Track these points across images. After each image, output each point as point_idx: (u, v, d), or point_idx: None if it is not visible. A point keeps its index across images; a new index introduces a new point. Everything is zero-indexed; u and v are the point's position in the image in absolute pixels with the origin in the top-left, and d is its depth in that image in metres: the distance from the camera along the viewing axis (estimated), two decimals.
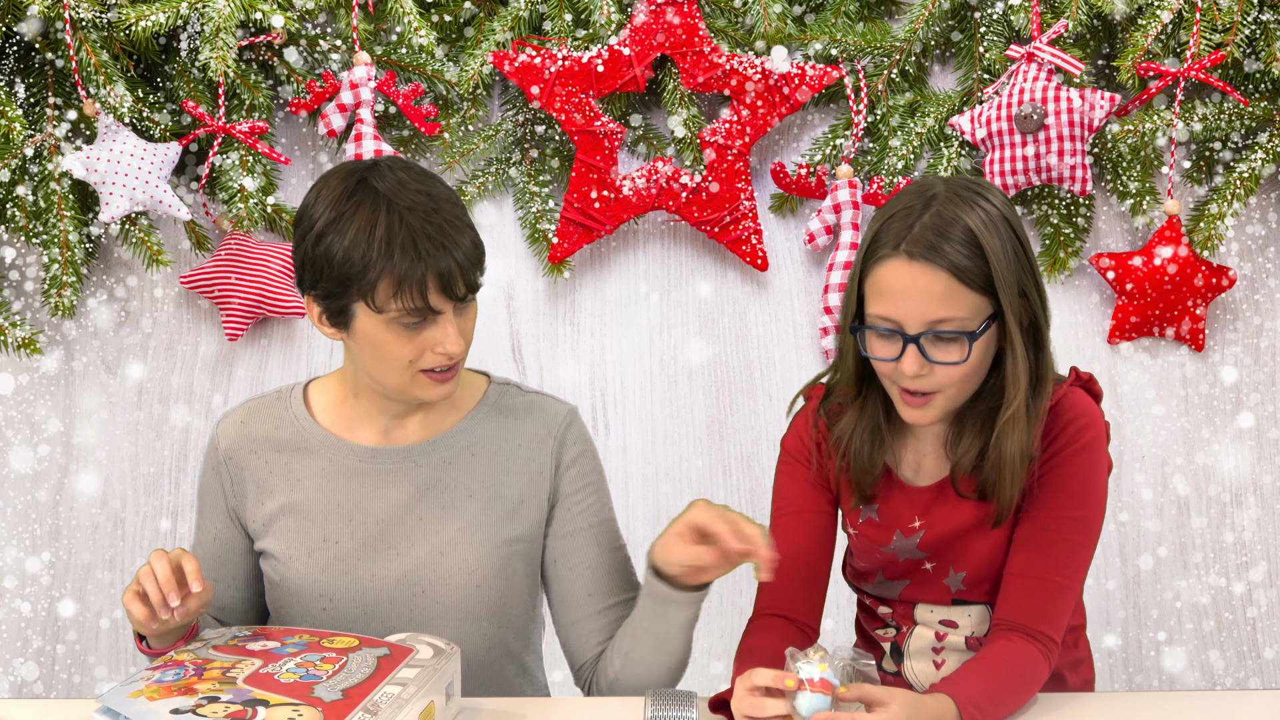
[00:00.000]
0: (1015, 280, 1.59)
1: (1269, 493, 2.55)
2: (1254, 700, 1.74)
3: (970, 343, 1.59)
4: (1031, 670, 1.63)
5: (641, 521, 2.60)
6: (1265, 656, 2.56)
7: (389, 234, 1.59)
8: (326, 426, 1.80)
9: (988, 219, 1.59)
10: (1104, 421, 1.73)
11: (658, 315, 2.61)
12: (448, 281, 1.60)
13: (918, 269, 1.58)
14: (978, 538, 1.71)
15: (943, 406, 1.65)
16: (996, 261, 1.57)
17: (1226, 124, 2.42)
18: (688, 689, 1.66)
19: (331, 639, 1.61)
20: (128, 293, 2.60)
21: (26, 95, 2.49)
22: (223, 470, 1.82)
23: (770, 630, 1.76)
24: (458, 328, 1.65)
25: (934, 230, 1.58)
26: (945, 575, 1.74)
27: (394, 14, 2.46)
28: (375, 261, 1.59)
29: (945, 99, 2.51)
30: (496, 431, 1.81)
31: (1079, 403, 1.69)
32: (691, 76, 2.48)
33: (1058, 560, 1.65)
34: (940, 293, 1.57)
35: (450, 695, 1.60)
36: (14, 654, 2.61)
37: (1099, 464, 1.69)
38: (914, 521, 1.74)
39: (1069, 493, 1.66)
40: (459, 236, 1.62)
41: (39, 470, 2.61)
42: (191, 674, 1.51)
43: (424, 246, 1.59)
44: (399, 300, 1.60)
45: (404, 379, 1.68)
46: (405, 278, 1.59)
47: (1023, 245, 1.62)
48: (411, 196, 1.62)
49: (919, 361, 1.60)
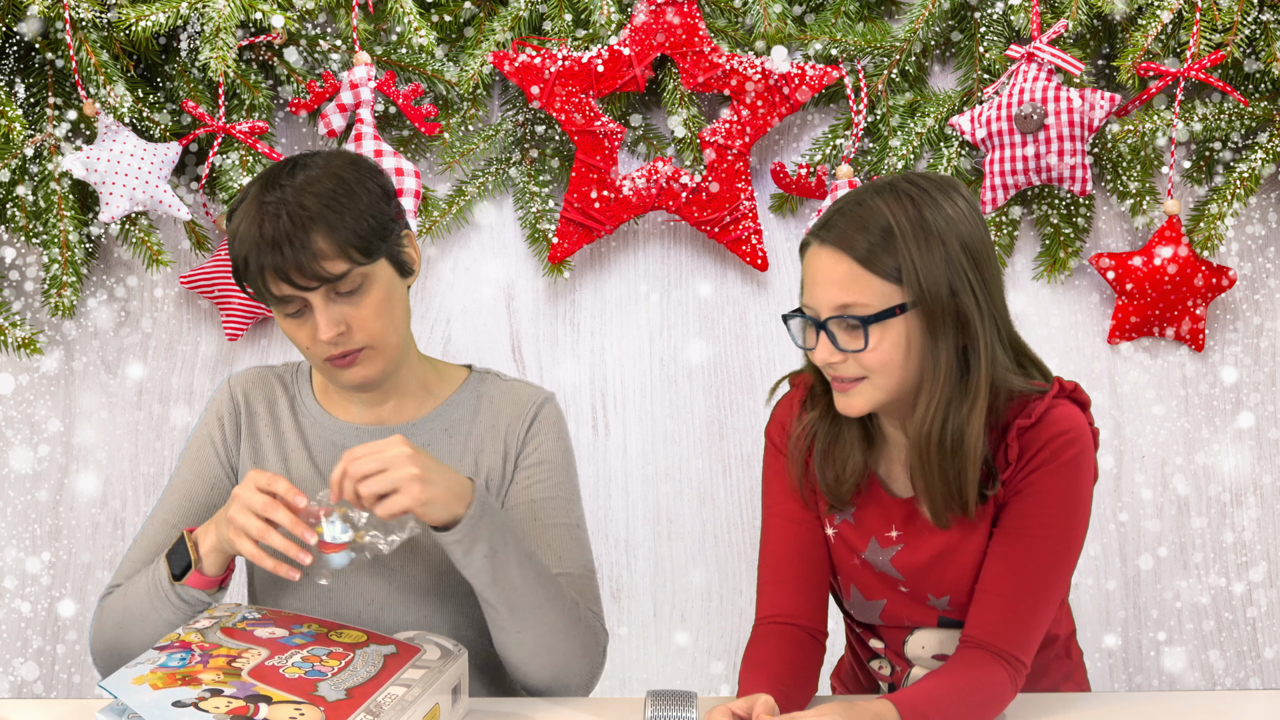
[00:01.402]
0: (941, 277, 1.54)
1: (1269, 493, 2.56)
2: (1254, 700, 1.74)
3: (865, 328, 1.54)
4: (994, 691, 1.56)
5: (641, 521, 2.60)
6: (1265, 656, 2.56)
7: (246, 224, 1.65)
8: (321, 402, 1.85)
9: (916, 213, 1.54)
10: (1092, 431, 1.66)
11: (658, 315, 2.61)
12: (283, 271, 1.63)
13: (826, 254, 1.56)
14: (954, 561, 1.65)
15: (870, 395, 1.58)
16: (907, 250, 1.53)
17: (1226, 124, 2.43)
18: (688, 689, 1.65)
19: (340, 632, 1.60)
20: (128, 293, 2.60)
21: (26, 95, 2.49)
22: (228, 422, 1.85)
23: (773, 639, 1.68)
24: (329, 315, 1.66)
25: (847, 217, 1.56)
26: (924, 599, 1.69)
27: (394, 14, 2.46)
28: (237, 252, 1.66)
29: (945, 99, 2.51)
30: (472, 415, 1.83)
31: (1064, 417, 1.61)
32: (691, 76, 2.48)
33: (1032, 581, 1.59)
34: (843, 277, 1.55)
35: (458, 697, 1.59)
36: (14, 654, 2.60)
37: (1080, 481, 1.61)
38: (890, 531, 1.69)
39: (1046, 511, 1.59)
40: (311, 224, 1.63)
41: (39, 470, 2.60)
42: (197, 660, 1.50)
43: (267, 234, 1.63)
44: (259, 290, 1.66)
45: (318, 365, 1.73)
46: (249, 267, 1.65)
47: (967, 248, 1.55)
48: (291, 186, 1.65)
49: (828, 348, 1.57)
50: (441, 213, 2.54)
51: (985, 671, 1.56)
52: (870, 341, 1.55)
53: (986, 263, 1.57)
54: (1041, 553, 1.59)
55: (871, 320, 1.54)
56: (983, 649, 1.59)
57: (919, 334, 1.56)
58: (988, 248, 1.58)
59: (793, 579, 1.72)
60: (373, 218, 1.67)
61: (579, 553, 1.79)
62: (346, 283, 1.66)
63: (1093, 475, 1.65)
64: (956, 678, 1.55)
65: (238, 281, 1.69)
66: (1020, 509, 1.60)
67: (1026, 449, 1.60)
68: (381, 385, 1.78)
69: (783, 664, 1.64)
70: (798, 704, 1.60)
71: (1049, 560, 1.60)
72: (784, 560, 1.72)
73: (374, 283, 1.69)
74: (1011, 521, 1.61)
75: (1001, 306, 1.61)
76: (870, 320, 1.54)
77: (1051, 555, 1.60)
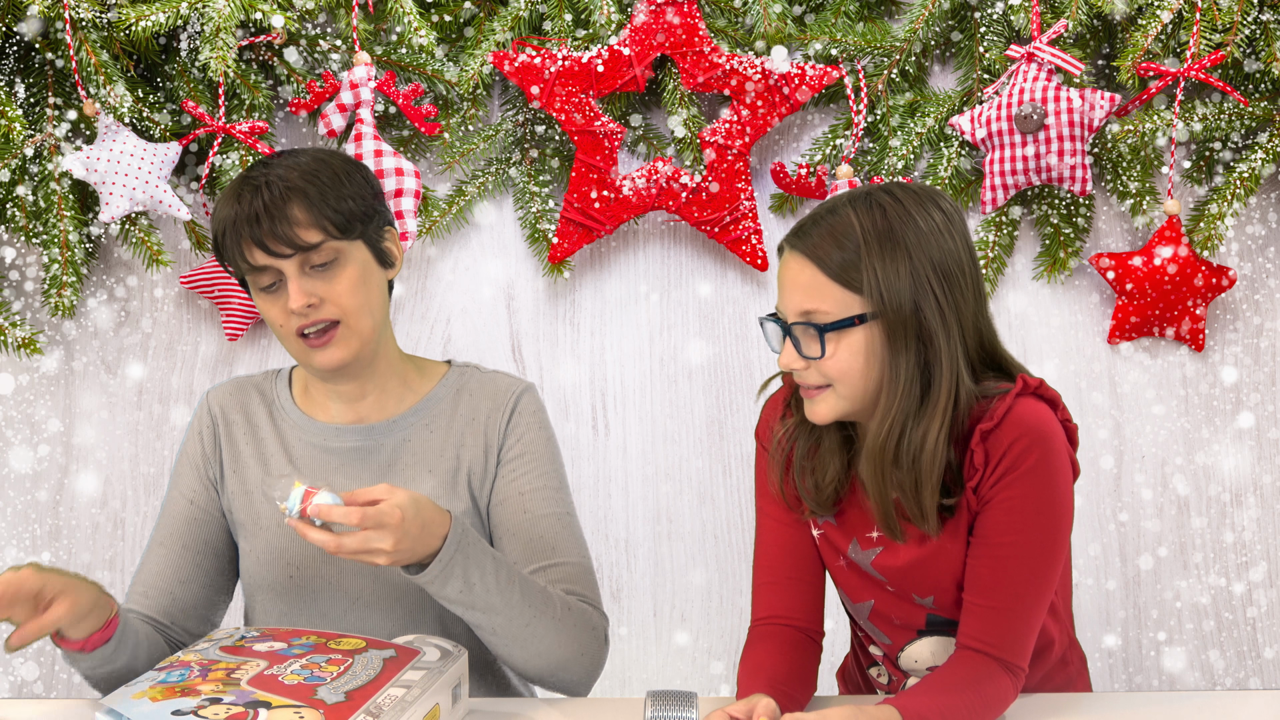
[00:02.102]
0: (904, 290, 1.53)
1: (1269, 493, 2.56)
2: (1254, 700, 1.74)
3: (821, 335, 1.55)
4: (995, 695, 1.55)
5: (641, 521, 2.60)
6: (1265, 656, 2.57)
7: (227, 199, 1.70)
8: (301, 406, 1.86)
9: (885, 225, 1.54)
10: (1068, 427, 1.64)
11: (658, 315, 2.61)
12: (258, 238, 1.66)
13: (794, 260, 1.57)
14: (934, 564, 1.64)
15: (834, 404, 1.58)
16: (870, 262, 1.53)
17: (1226, 124, 2.43)
18: (688, 689, 1.65)
19: (338, 640, 1.61)
20: (128, 293, 2.60)
21: (26, 95, 2.49)
22: (206, 436, 1.87)
23: (770, 640, 1.68)
24: (301, 286, 1.68)
25: (820, 226, 1.56)
26: (910, 599, 1.69)
27: (394, 14, 2.46)
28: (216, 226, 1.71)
29: (945, 99, 2.51)
30: (453, 408, 1.84)
31: (1024, 418, 1.57)
32: (691, 76, 2.47)
33: (1015, 588, 1.58)
34: (807, 284, 1.56)
35: (458, 697, 1.60)
36: (14, 654, 2.60)
37: (1050, 483, 1.58)
38: (871, 532, 1.68)
39: (1018, 519, 1.57)
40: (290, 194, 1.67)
41: (39, 470, 2.60)
42: (196, 675, 1.51)
43: (246, 203, 1.67)
44: (234, 259, 1.69)
45: (292, 347, 1.75)
46: (225, 236, 1.69)
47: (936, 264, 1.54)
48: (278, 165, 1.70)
49: (792, 353, 1.58)
50: (441, 213, 2.54)
51: (985, 675, 1.56)
52: (827, 350, 1.55)
53: (958, 278, 1.56)
54: (1020, 561, 1.58)
55: (828, 329, 1.55)
56: (980, 654, 1.58)
57: (879, 346, 1.55)
58: (962, 264, 1.56)
59: (786, 579, 1.72)
60: (354, 200, 1.71)
61: (572, 541, 1.79)
62: (320, 254, 1.69)
63: (1069, 471, 1.62)
64: (958, 681, 1.55)
65: (217, 256, 1.73)
66: (992, 519, 1.58)
67: (991, 454, 1.58)
68: (356, 372, 1.78)
69: (781, 665, 1.64)
70: (798, 704, 1.60)
71: (1029, 567, 1.58)
72: (777, 561, 1.72)
73: (349, 260, 1.71)
74: (986, 532, 1.59)
75: (977, 321, 1.60)
76: (827, 328, 1.55)
77: (1030, 561, 1.58)
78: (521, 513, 1.78)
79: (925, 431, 1.56)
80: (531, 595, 1.65)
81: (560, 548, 1.78)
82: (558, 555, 1.77)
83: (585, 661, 1.71)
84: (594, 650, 1.73)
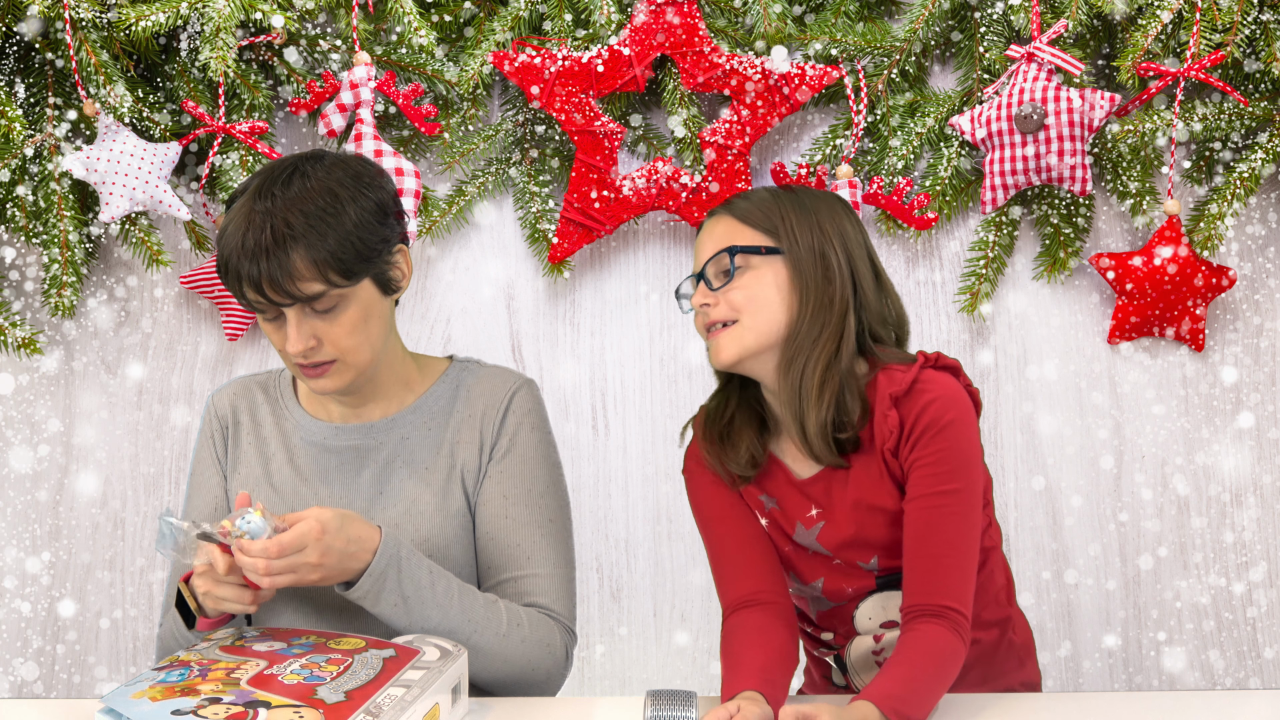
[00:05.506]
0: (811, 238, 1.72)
1: (1269, 493, 2.56)
2: (1254, 700, 1.74)
3: (731, 258, 1.71)
4: (946, 651, 1.63)
5: (641, 521, 2.60)
6: (1265, 656, 2.57)
7: (233, 228, 1.67)
8: (304, 404, 1.87)
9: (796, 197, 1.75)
10: (969, 392, 1.75)
11: (658, 315, 2.61)
12: (258, 284, 1.65)
13: (712, 221, 1.77)
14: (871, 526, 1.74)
15: (739, 338, 1.71)
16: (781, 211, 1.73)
17: (1226, 124, 2.43)
18: (688, 689, 1.65)
19: (338, 640, 1.61)
20: (128, 293, 2.60)
21: (26, 95, 2.49)
22: (218, 439, 1.88)
23: (744, 626, 1.73)
24: (301, 329, 1.68)
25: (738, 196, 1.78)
26: (855, 567, 1.77)
27: (394, 14, 2.46)
28: (221, 253, 1.68)
29: (945, 99, 2.51)
30: (450, 406, 1.84)
31: (934, 384, 1.71)
32: (691, 76, 2.47)
33: (946, 534, 1.67)
34: (722, 233, 1.75)
35: (457, 697, 1.60)
36: (14, 654, 2.60)
37: (968, 435, 1.71)
38: (810, 511, 1.77)
39: (943, 470, 1.68)
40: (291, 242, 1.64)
41: (39, 470, 2.61)
42: (196, 675, 1.51)
43: (249, 244, 1.64)
44: (235, 292, 1.69)
45: (290, 367, 1.75)
46: (228, 271, 1.67)
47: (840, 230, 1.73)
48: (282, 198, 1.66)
49: (702, 290, 1.73)
50: (441, 213, 2.54)
51: (932, 639, 1.63)
52: (736, 271, 1.71)
53: (856, 252, 1.75)
54: (951, 509, 1.68)
55: (738, 250, 1.71)
56: (922, 615, 1.65)
57: (786, 282, 1.71)
58: (862, 244, 1.76)
59: (744, 561, 1.79)
60: (359, 240, 1.67)
61: (550, 551, 1.79)
62: (322, 302, 1.68)
63: (977, 429, 1.74)
64: (911, 654, 1.62)
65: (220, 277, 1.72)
66: (922, 476, 1.69)
67: (906, 418, 1.70)
68: (355, 389, 1.79)
69: (759, 648, 1.68)
70: (782, 683, 1.65)
71: (959, 514, 1.68)
72: (731, 549, 1.79)
73: (351, 303, 1.70)
74: (918, 490, 1.69)
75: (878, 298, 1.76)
76: (736, 250, 1.71)
77: (960, 508, 1.68)
78: (502, 518, 1.79)
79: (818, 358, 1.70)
80: (473, 611, 1.67)
81: (535, 558, 1.78)
82: (531, 566, 1.77)
83: (537, 678, 1.72)
84: (547, 667, 1.73)
